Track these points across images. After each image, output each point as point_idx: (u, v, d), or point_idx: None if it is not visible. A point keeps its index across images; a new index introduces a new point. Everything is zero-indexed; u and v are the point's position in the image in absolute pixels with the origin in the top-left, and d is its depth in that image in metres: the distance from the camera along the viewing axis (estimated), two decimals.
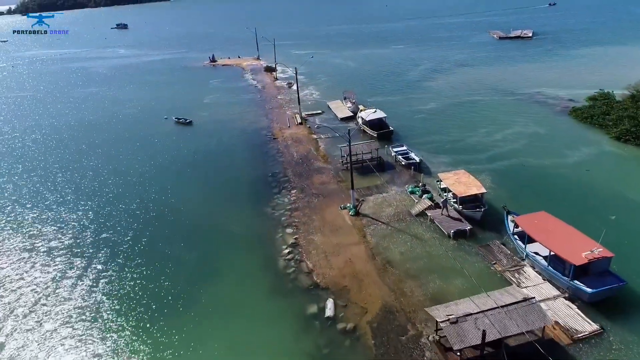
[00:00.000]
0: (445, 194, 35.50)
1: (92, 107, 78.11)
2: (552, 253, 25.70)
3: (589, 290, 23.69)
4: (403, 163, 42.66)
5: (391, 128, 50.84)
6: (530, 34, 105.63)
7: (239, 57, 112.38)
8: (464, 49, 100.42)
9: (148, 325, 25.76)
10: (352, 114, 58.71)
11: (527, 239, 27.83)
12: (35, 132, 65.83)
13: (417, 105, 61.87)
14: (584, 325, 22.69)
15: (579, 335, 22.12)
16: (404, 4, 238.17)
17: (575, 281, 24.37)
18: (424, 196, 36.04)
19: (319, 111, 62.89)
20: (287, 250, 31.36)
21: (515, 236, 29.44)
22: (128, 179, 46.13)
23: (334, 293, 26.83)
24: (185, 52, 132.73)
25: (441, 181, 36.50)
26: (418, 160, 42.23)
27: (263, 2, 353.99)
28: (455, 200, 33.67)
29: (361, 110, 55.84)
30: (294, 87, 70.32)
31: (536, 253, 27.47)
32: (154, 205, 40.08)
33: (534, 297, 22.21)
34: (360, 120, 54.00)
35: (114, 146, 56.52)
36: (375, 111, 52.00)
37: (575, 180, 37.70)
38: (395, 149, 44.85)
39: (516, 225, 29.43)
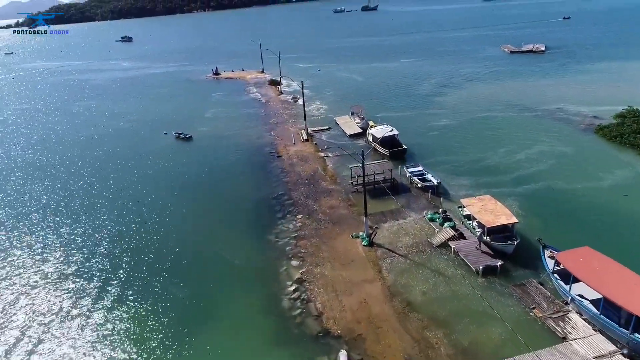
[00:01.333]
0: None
1: (90, 120, 75.30)
2: (604, 298, 21.85)
3: None
4: (419, 185, 38.91)
5: (404, 146, 47.25)
6: (543, 48, 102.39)
7: (242, 70, 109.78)
8: (474, 63, 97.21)
9: None
10: (361, 130, 55.26)
11: (572, 279, 23.97)
12: (26, 148, 62.87)
13: (430, 121, 58.31)
14: None
15: None
16: (409, 18, 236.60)
17: (637, 334, 20.48)
18: (446, 224, 32.21)
19: (326, 127, 59.44)
20: (292, 288, 27.61)
21: (556, 275, 25.54)
22: (119, 201, 42.63)
23: (347, 343, 23.04)
24: (189, 65, 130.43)
25: (464, 207, 32.78)
26: (436, 183, 38.30)
27: (269, 17, 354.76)
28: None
29: (371, 127, 52.37)
30: (300, 101, 67.00)
31: (581, 296, 23.63)
32: (145, 231, 36.43)
33: None
34: (370, 137, 50.49)
35: (108, 163, 53.31)
36: (392, 130, 48.31)
37: (613, 207, 33.86)
38: (410, 170, 41.15)
39: (557, 263, 25.57)
